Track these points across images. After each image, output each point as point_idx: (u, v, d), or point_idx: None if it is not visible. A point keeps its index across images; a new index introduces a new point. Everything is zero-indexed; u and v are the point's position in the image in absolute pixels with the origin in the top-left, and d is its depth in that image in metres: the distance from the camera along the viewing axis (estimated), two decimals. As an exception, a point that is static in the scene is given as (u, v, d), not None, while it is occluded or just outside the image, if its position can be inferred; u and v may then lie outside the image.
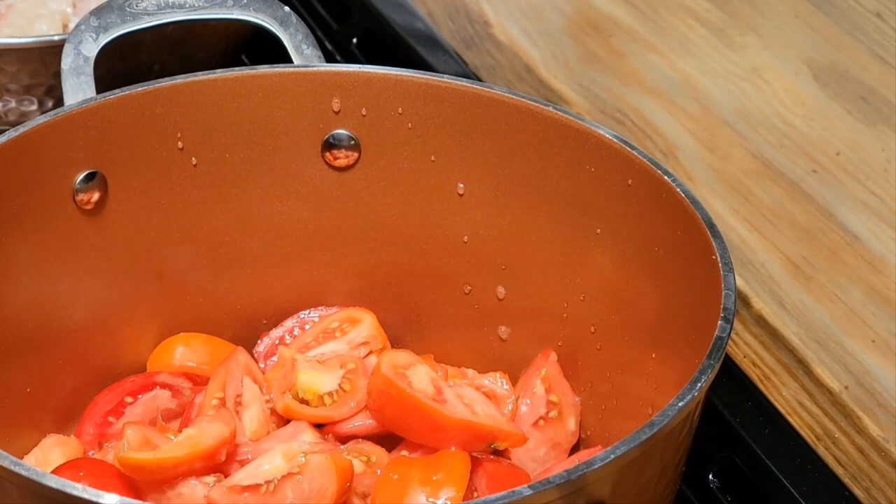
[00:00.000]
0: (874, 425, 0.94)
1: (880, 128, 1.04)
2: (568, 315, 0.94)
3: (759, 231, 1.04)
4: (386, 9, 1.27)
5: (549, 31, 1.22)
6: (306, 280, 0.98)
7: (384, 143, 0.95)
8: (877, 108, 1.05)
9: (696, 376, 0.75)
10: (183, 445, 0.83)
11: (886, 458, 0.92)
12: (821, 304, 0.99)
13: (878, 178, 1.02)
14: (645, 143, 1.11)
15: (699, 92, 1.12)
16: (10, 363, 0.88)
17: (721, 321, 0.78)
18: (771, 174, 1.06)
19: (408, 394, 0.85)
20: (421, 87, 0.94)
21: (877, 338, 0.97)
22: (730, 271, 0.80)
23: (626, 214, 0.89)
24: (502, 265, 0.96)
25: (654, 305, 0.87)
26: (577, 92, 1.17)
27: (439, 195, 0.96)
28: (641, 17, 1.19)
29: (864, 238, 1.00)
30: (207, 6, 1.00)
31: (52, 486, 0.69)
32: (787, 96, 1.09)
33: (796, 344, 0.98)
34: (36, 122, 0.88)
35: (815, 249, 1.02)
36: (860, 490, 0.92)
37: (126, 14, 0.98)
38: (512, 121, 0.92)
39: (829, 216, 1.02)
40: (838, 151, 1.05)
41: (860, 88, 1.07)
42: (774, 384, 0.98)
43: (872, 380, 0.95)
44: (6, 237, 0.88)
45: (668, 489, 0.81)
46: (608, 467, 0.70)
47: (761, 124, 1.09)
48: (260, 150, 0.95)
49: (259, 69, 0.95)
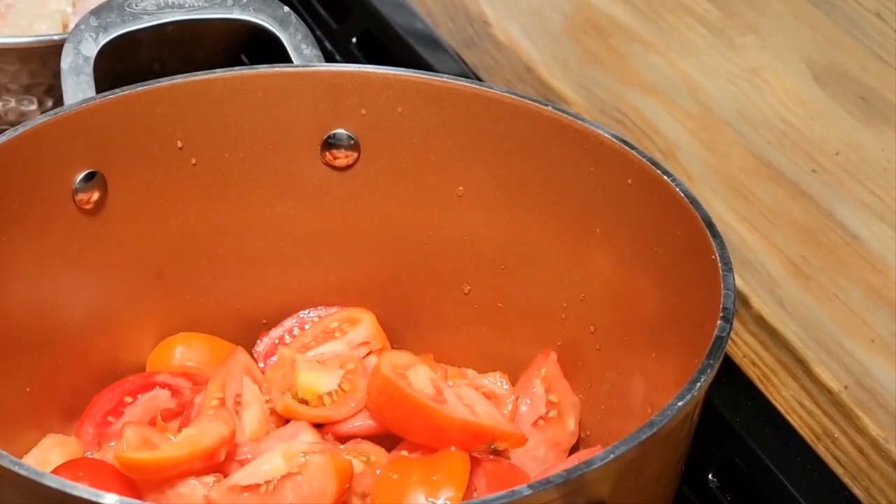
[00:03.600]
0: (874, 425, 0.94)
1: (880, 128, 1.04)
2: (568, 315, 0.94)
3: (758, 231, 1.04)
4: (386, 9, 1.27)
5: (549, 31, 1.22)
6: (306, 280, 0.98)
7: (384, 143, 0.95)
8: (877, 107, 1.05)
9: (696, 376, 0.75)
10: (182, 445, 0.83)
11: (886, 457, 0.92)
12: (820, 303, 0.99)
13: (878, 177, 1.02)
14: (645, 143, 1.11)
15: (699, 92, 1.12)
16: (8, 363, 0.88)
17: (721, 321, 0.78)
18: (771, 174, 1.06)
19: (408, 394, 0.85)
20: (421, 87, 0.94)
21: (876, 338, 0.97)
22: (729, 271, 0.80)
23: (626, 214, 0.89)
24: (502, 265, 0.96)
25: (654, 305, 0.87)
26: (576, 92, 1.17)
27: (439, 195, 0.96)
28: (641, 17, 1.19)
29: (864, 238, 1.00)
30: (207, 6, 1.00)
31: (51, 486, 0.69)
32: (787, 96, 1.09)
33: (796, 344, 0.98)
34: (35, 121, 0.88)
35: (814, 249, 1.01)
36: (860, 490, 0.92)
37: (126, 14, 0.98)
38: (512, 121, 0.92)
39: (828, 216, 1.02)
40: (838, 151, 1.04)
41: (860, 88, 1.06)
42: (774, 384, 0.98)
43: (872, 380, 0.95)
44: (6, 237, 0.88)
45: (667, 489, 0.81)
46: (608, 467, 0.70)
47: (761, 124, 1.09)
48: (260, 150, 0.95)
49: (259, 69, 0.95)
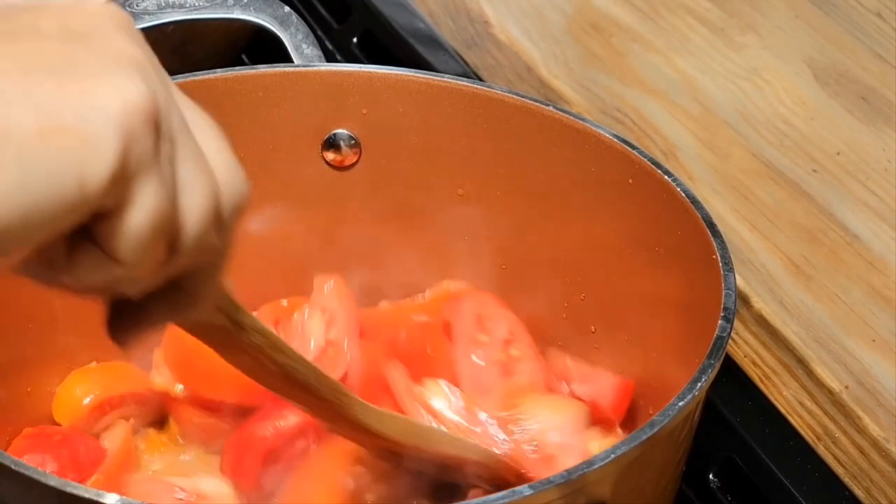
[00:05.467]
0: (874, 425, 0.94)
1: (881, 127, 1.04)
2: (568, 315, 0.94)
3: (759, 231, 1.04)
4: (386, 8, 1.27)
5: (549, 31, 1.22)
6: (306, 280, 0.98)
7: (385, 142, 0.95)
8: (877, 107, 1.05)
9: (697, 376, 0.74)
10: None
11: (887, 457, 0.92)
12: (821, 303, 0.99)
13: (879, 177, 1.02)
14: (645, 143, 1.11)
15: (699, 92, 1.12)
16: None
17: (721, 321, 0.78)
18: (771, 174, 1.06)
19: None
20: (421, 86, 0.94)
21: (877, 337, 0.96)
22: (730, 271, 0.80)
23: (627, 214, 0.89)
24: (502, 265, 0.96)
25: (655, 305, 0.87)
26: (577, 92, 1.17)
27: (440, 195, 0.96)
28: (641, 17, 1.19)
29: (865, 238, 1.00)
30: (207, 6, 1.00)
31: (51, 486, 0.69)
32: (788, 96, 1.09)
33: (796, 344, 0.98)
34: (36, 121, 0.88)
35: (815, 249, 1.01)
36: (860, 490, 0.92)
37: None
38: (512, 120, 0.92)
39: (829, 216, 1.02)
40: (838, 151, 1.04)
41: (860, 88, 1.06)
42: (775, 384, 0.98)
43: (873, 379, 0.95)
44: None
45: (668, 489, 0.81)
46: (608, 467, 0.70)
47: (761, 124, 1.09)
48: (260, 150, 0.95)
49: (259, 69, 0.95)
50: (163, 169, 0.52)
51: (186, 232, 0.54)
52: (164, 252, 0.53)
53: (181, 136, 0.54)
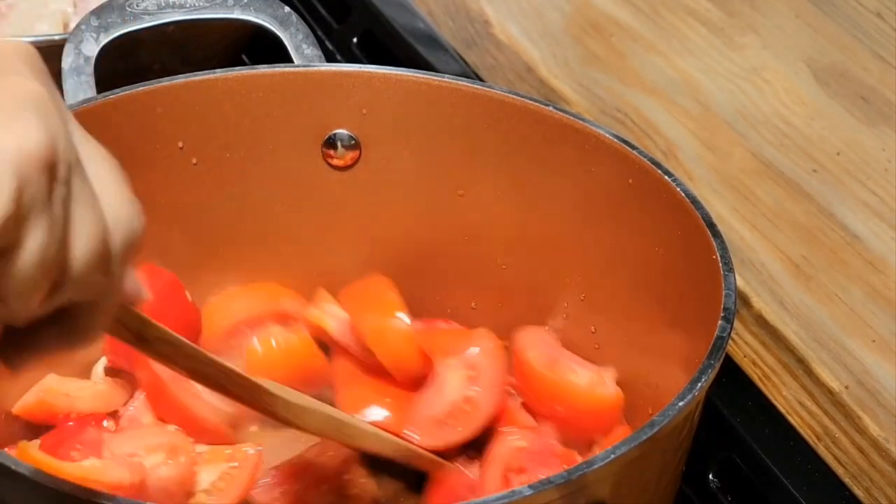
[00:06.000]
0: (874, 425, 0.94)
1: (880, 127, 1.04)
2: (568, 315, 0.94)
3: (759, 231, 1.04)
4: (386, 8, 1.27)
5: (549, 30, 1.22)
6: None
7: (384, 142, 0.95)
8: (877, 107, 1.05)
9: (697, 376, 0.74)
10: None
11: (886, 457, 0.92)
12: (821, 303, 0.99)
13: (879, 177, 1.02)
14: (645, 143, 1.11)
15: (699, 92, 1.12)
16: None
17: (721, 321, 0.78)
18: (771, 174, 1.06)
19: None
20: (421, 86, 0.94)
21: (877, 337, 0.97)
22: (730, 271, 0.80)
23: (627, 214, 0.89)
24: (502, 265, 0.96)
25: (655, 305, 0.87)
26: (577, 92, 1.17)
27: (439, 195, 0.96)
28: (641, 17, 1.19)
29: (865, 238, 1.00)
30: (208, 6, 1.00)
31: (51, 486, 0.69)
32: (788, 96, 1.09)
33: (796, 344, 0.98)
34: (36, 121, 0.88)
35: (815, 249, 1.01)
36: (860, 490, 0.92)
37: (126, 14, 0.98)
38: (512, 120, 0.92)
39: (829, 216, 1.02)
40: (838, 151, 1.04)
41: (860, 88, 1.06)
42: (774, 384, 0.98)
43: (873, 379, 0.95)
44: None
45: (668, 489, 0.81)
46: (608, 467, 0.70)
47: (761, 124, 1.09)
48: (261, 150, 0.95)
49: (259, 69, 0.95)
50: (54, 211, 0.53)
51: (72, 270, 0.55)
52: (49, 289, 0.54)
53: (75, 178, 0.55)
